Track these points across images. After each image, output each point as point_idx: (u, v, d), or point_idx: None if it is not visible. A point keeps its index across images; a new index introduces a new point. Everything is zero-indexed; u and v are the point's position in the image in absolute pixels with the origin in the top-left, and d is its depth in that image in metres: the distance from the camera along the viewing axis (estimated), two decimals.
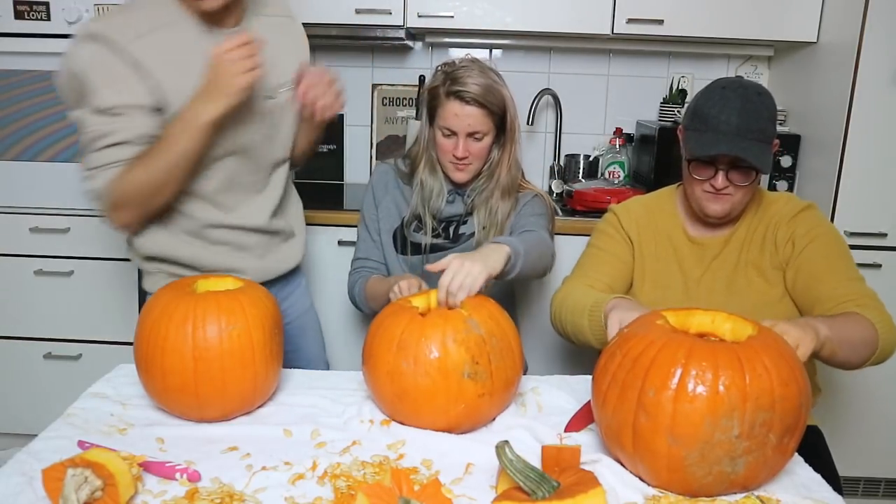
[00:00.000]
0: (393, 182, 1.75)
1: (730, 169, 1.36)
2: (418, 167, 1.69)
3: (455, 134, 1.60)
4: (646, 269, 1.52)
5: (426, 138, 1.67)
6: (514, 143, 1.66)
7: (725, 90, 1.36)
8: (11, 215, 2.25)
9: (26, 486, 0.96)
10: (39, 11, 2.10)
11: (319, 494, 0.96)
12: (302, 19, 2.28)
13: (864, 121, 2.09)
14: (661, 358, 0.96)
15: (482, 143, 1.61)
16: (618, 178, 2.63)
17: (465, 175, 1.65)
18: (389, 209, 1.74)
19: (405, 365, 1.12)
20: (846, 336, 1.22)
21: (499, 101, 1.59)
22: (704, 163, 1.38)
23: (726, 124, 1.33)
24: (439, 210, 1.69)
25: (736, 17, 2.31)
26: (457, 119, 1.58)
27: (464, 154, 1.60)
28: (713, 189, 1.38)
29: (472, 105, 1.56)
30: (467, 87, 1.56)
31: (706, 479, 0.95)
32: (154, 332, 1.13)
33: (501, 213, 1.66)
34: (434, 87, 1.62)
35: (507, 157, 1.66)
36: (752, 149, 1.33)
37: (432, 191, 1.68)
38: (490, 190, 1.67)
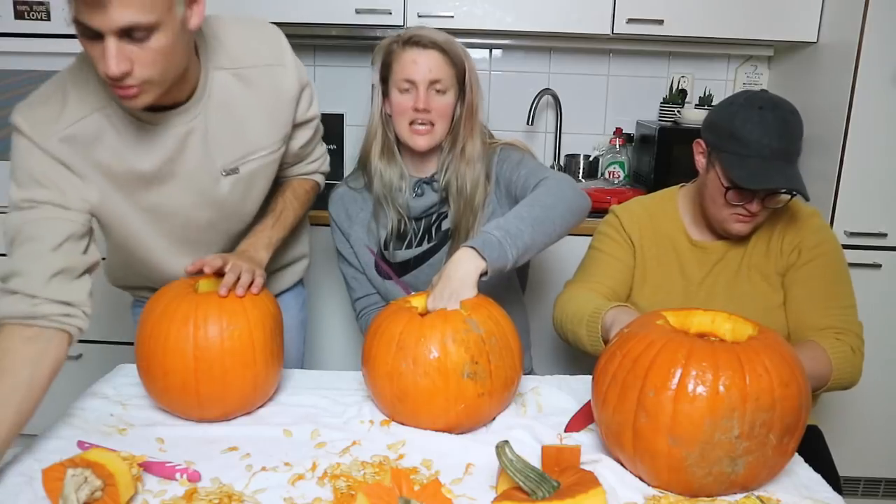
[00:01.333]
0: (354, 208, 1.58)
1: (767, 195, 1.34)
2: (371, 157, 1.51)
3: (414, 84, 1.43)
4: (647, 271, 1.50)
5: (378, 117, 1.50)
6: (477, 104, 1.50)
7: (763, 111, 1.31)
8: None
9: (26, 486, 0.96)
10: (39, 11, 2.10)
11: (319, 495, 0.96)
12: (302, 19, 2.31)
13: (864, 121, 2.09)
14: (661, 358, 0.96)
15: (445, 99, 1.45)
16: (618, 178, 2.63)
17: (426, 139, 1.45)
18: (361, 239, 1.57)
19: (404, 365, 1.12)
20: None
21: (458, 52, 1.46)
22: (743, 191, 1.33)
23: (769, 149, 1.29)
24: (407, 206, 1.53)
25: (736, 17, 2.31)
26: (415, 66, 1.42)
27: (425, 105, 1.42)
28: (746, 212, 1.35)
29: (431, 49, 1.43)
30: (423, 33, 1.44)
31: (706, 480, 0.95)
32: (155, 331, 1.13)
33: (469, 183, 1.48)
34: (387, 45, 1.47)
35: (471, 122, 1.49)
36: (797, 176, 1.31)
37: (392, 181, 1.51)
38: (455, 162, 1.49)
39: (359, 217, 1.58)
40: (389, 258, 1.57)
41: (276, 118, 1.31)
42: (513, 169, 1.49)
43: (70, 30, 1.08)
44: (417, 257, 1.57)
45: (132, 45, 1.01)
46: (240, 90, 1.25)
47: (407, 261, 1.57)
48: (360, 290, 1.63)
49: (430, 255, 1.57)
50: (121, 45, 1.00)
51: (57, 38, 2.10)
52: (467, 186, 1.48)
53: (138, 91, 1.05)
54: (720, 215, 1.39)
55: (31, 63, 2.13)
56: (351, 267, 1.62)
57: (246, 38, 1.28)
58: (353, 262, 1.61)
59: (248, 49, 1.27)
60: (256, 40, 1.29)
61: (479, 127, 1.52)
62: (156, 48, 1.02)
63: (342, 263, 1.64)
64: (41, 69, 2.13)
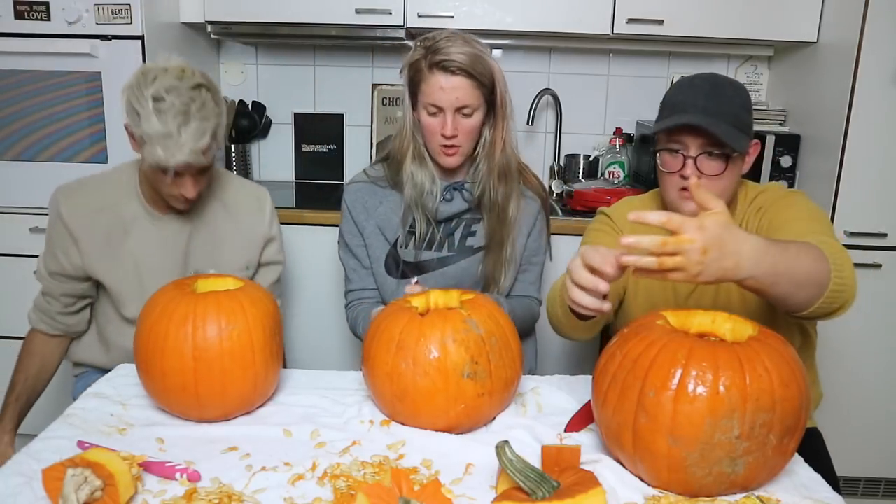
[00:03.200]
0: (372, 200, 1.58)
1: (700, 154, 1.28)
2: (405, 161, 1.52)
3: (442, 110, 1.44)
4: (639, 280, 1.44)
5: (410, 124, 1.52)
6: (506, 119, 1.51)
7: (695, 79, 1.31)
8: (11, 215, 2.25)
9: (26, 486, 0.96)
10: (39, 11, 2.10)
11: (319, 495, 0.96)
12: (302, 19, 2.31)
13: (864, 121, 2.09)
14: (661, 358, 0.96)
15: (472, 121, 1.46)
16: (618, 178, 2.63)
17: (455, 159, 1.49)
18: (376, 234, 1.58)
19: (404, 365, 1.11)
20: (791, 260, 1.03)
21: (487, 71, 1.44)
22: (672, 152, 1.31)
23: (693, 106, 1.26)
24: (435, 210, 1.54)
25: (736, 17, 2.31)
26: (443, 93, 1.42)
27: (453, 132, 1.44)
28: (684, 182, 1.29)
29: (458, 75, 1.41)
30: (451, 55, 1.40)
31: (706, 480, 0.95)
32: (154, 332, 1.13)
33: (502, 197, 1.52)
34: (415, 62, 1.45)
35: (500, 136, 1.51)
36: (720, 126, 1.25)
37: (423, 185, 1.52)
38: (489, 174, 1.52)
39: (377, 211, 1.57)
40: (403, 256, 1.57)
41: (247, 249, 1.62)
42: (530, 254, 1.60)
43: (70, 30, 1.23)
44: (433, 261, 1.58)
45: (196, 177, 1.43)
46: (225, 220, 1.59)
47: (423, 262, 1.57)
48: (357, 282, 1.63)
49: (446, 263, 1.57)
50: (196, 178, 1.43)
51: (57, 38, 2.10)
52: (499, 199, 1.52)
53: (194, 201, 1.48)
54: (669, 196, 1.35)
55: (31, 63, 2.13)
56: (354, 258, 1.62)
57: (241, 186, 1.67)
58: (357, 253, 1.61)
59: (241, 193, 1.64)
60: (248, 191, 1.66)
61: (511, 140, 1.54)
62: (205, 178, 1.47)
63: (345, 253, 1.64)
64: (41, 69, 2.13)
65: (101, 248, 1.51)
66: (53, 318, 1.56)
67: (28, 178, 2.22)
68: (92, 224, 1.50)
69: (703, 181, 1.29)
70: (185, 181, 1.41)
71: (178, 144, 1.32)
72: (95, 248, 1.51)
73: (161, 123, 1.31)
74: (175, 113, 1.31)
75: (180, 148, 1.32)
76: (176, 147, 1.32)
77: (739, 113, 1.30)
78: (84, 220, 1.50)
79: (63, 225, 1.50)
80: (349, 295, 1.65)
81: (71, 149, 2.20)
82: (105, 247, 1.51)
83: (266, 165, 2.83)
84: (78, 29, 2.09)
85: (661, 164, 1.34)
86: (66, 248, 1.51)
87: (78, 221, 1.50)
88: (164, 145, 1.32)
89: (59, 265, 1.52)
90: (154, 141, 1.32)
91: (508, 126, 1.52)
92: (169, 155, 1.33)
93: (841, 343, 2.19)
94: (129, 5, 2.09)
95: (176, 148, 1.32)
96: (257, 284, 1.29)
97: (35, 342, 1.58)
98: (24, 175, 2.21)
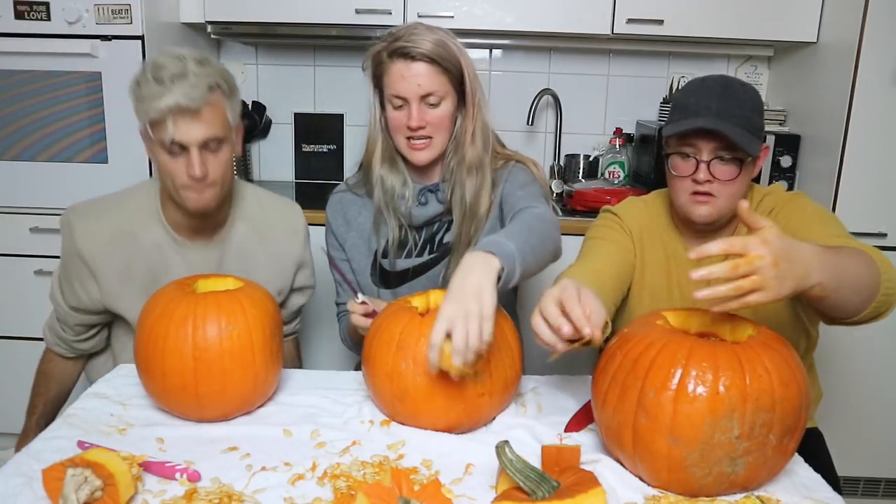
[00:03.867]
0: (353, 211, 1.52)
1: (713, 159, 1.27)
2: (372, 162, 1.46)
3: (406, 101, 1.36)
4: (645, 278, 1.44)
5: (376, 123, 1.44)
6: (477, 108, 1.41)
7: (706, 80, 1.30)
8: (11, 215, 2.25)
9: (26, 486, 0.96)
10: (39, 11, 2.10)
11: (319, 495, 0.96)
12: (302, 19, 2.31)
13: (864, 121, 2.09)
14: (661, 358, 0.96)
15: (439, 111, 1.37)
16: (618, 178, 2.63)
17: (425, 154, 1.40)
18: (357, 246, 1.53)
19: (404, 365, 1.11)
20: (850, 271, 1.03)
21: (452, 56, 1.36)
22: (684, 156, 1.30)
23: (706, 109, 1.25)
24: (409, 215, 1.46)
25: (736, 17, 2.31)
26: (404, 81, 1.34)
27: (419, 122, 1.35)
28: (695, 186, 1.28)
29: (420, 61, 1.33)
30: (413, 42, 1.33)
31: (706, 480, 0.95)
32: (154, 332, 1.13)
33: (470, 192, 1.42)
34: (376, 54, 1.38)
35: (471, 127, 1.41)
36: (734, 130, 1.23)
37: (394, 188, 1.45)
38: (458, 169, 1.43)
39: (357, 222, 1.53)
40: (388, 267, 1.52)
41: (279, 275, 1.53)
42: (514, 189, 1.42)
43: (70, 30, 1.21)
44: (416, 268, 1.52)
45: (209, 154, 1.32)
46: (256, 243, 1.50)
47: (406, 270, 1.52)
48: (342, 295, 1.59)
49: (430, 267, 1.52)
50: (202, 154, 1.30)
51: (57, 38, 2.10)
52: (467, 195, 1.42)
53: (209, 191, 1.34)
54: (679, 199, 1.33)
55: (31, 63, 2.13)
56: (338, 272, 1.54)
57: (271, 204, 1.57)
58: (341, 267, 1.54)
59: (271, 213, 1.55)
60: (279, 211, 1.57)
61: (484, 132, 1.43)
62: (223, 159, 1.35)
63: (332, 268, 1.56)
64: (41, 69, 2.13)
65: (121, 280, 1.42)
66: (69, 345, 1.50)
67: (28, 178, 2.22)
68: (111, 255, 1.41)
69: (716, 186, 1.28)
70: (190, 158, 1.29)
71: (169, 90, 1.24)
72: (115, 282, 1.42)
73: (157, 83, 1.24)
74: (171, 76, 1.25)
75: (171, 91, 1.23)
76: (167, 91, 1.23)
77: (751, 116, 1.28)
78: (102, 249, 1.40)
79: (80, 258, 1.40)
80: (339, 306, 1.61)
81: (71, 149, 2.20)
82: (126, 279, 1.42)
83: (266, 165, 2.83)
84: (78, 29, 2.10)
85: (672, 168, 1.32)
86: (84, 283, 1.42)
87: (95, 253, 1.40)
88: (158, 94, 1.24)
89: (78, 300, 1.44)
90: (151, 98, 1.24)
91: (481, 116, 1.42)
92: (161, 101, 1.23)
93: (841, 343, 2.19)
94: (129, 5, 2.09)
95: (167, 92, 1.23)
96: (257, 284, 1.28)
97: (51, 364, 1.53)
98: (24, 175, 2.22)
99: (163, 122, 1.26)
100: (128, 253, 1.42)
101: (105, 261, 1.41)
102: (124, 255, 1.42)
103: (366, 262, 1.53)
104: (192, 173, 1.30)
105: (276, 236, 1.53)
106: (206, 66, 1.30)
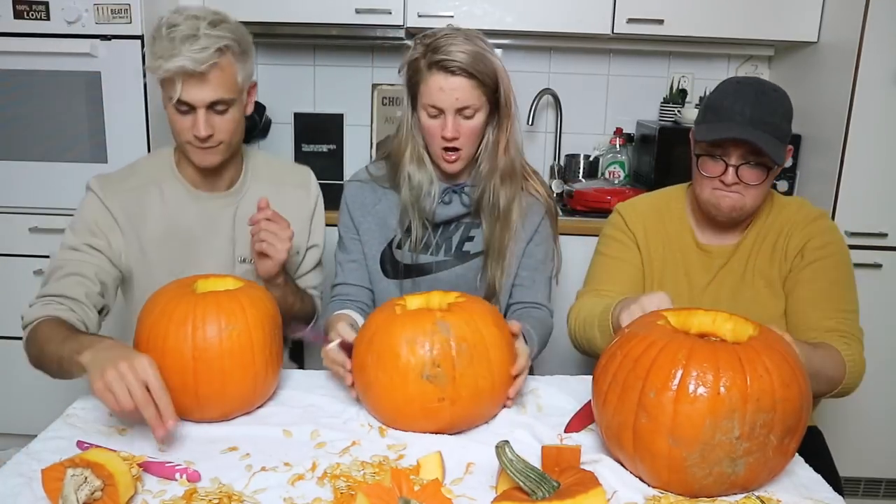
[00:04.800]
0: (371, 198, 1.55)
1: (741, 165, 1.30)
2: (403, 159, 1.48)
3: (442, 112, 1.39)
4: (653, 271, 1.48)
5: (409, 124, 1.47)
6: (511, 119, 1.46)
7: (741, 84, 1.33)
8: (11, 215, 2.25)
9: (25, 486, 0.96)
10: (39, 11, 2.10)
11: (319, 495, 0.96)
12: (302, 19, 2.31)
13: (864, 121, 2.09)
14: (661, 359, 0.96)
15: (474, 122, 1.41)
16: (618, 178, 2.63)
17: (456, 165, 1.45)
18: (372, 232, 1.54)
19: (370, 359, 1.13)
20: (817, 368, 1.19)
21: (489, 70, 1.38)
22: (714, 158, 1.33)
23: (740, 115, 1.28)
24: (432, 212, 1.49)
25: (736, 17, 2.31)
26: (442, 94, 1.37)
27: (453, 134, 1.39)
28: (723, 186, 1.33)
29: (458, 75, 1.35)
30: (451, 54, 1.35)
31: (706, 480, 0.95)
32: (154, 332, 1.13)
33: (505, 200, 1.47)
34: (413, 61, 1.40)
35: (504, 137, 1.46)
36: (765, 138, 1.27)
37: (421, 186, 1.47)
38: (489, 176, 1.47)
39: (374, 209, 1.55)
40: (399, 258, 1.54)
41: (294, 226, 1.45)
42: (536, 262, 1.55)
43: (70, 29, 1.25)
44: (427, 265, 1.53)
45: (215, 115, 1.36)
46: (270, 195, 1.44)
47: (416, 265, 1.53)
48: (343, 276, 1.57)
49: (441, 268, 1.53)
50: (209, 115, 1.35)
51: (57, 38, 2.10)
52: (501, 202, 1.47)
53: (213, 150, 1.39)
54: (704, 194, 1.37)
55: (31, 63, 2.13)
56: (345, 252, 1.57)
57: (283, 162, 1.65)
58: (350, 246, 1.56)
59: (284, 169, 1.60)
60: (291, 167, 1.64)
61: (516, 140, 1.49)
62: (230, 119, 1.38)
63: (338, 249, 1.59)
64: (41, 69, 2.13)
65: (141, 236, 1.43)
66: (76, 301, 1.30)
67: (28, 178, 2.22)
68: (134, 203, 1.43)
69: (741, 186, 1.32)
70: (196, 118, 1.33)
71: (179, 52, 1.27)
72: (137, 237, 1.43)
73: (169, 42, 1.28)
74: (183, 37, 1.28)
75: (181, 53, 1.27)
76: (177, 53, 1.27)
77: (781, 123, 1.31)
78: (127, 206, 1.42)
79: (104, 207, 1.41)
80: (335, 289, 1.59)
81: (71, 149, 2.19)
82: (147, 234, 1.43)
83: None
84: (77, 29, 2.09)
85: (700, 168, 1.36)
86: (109, 229, 1.41)
87: (120, 209, 1.41)
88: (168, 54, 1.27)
89: (101, 241, 1.39)
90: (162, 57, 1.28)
91: (513, 126, 1.47)
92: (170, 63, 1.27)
93: None
94: (128, 5, 2.09)
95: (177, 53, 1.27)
96: (257, 284, 1.28)
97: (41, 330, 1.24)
98: (25, 175, 2.22)
99: (171, 82, 1.30)
100: (149, 206, 1.45)
101: (128, 210, 1.42)
102: (147, 210, 1.44)
103: (377, 249, 1.54)
104: (196, 133, 1.34)
105: (289, 190, 1.55)
106: (218, 27, 1.32)
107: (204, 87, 1.31)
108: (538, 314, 1.52)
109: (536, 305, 1.54)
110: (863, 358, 1.34)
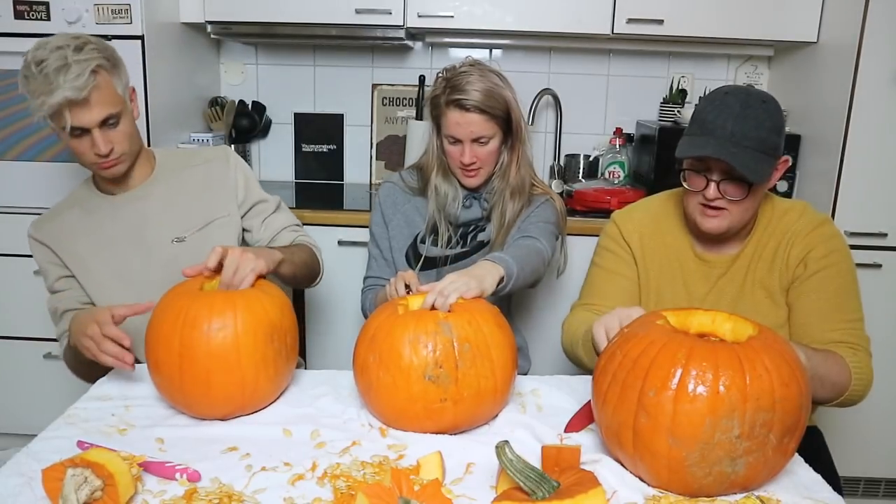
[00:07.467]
0: (402, 198, 1.76)
1: (723, 179, 1.29)
2: (431, 174, 1.71)
3: (460, 141, 1.61)
4: (650, 283, 1.46)
5: (435, 147, 1.70)
6: (522, 143, 1.68)
7: (728, 95, 1.30)
8: (11, 215, 2.25)
9: (25, 486, 0.96)
10: (39, 11, 2.10)
11: (319, 495, 0.96)
12: (301, 19, 2.31)
13: (864, 121, 2.09)
14: (661, 358, 0.96)
15: (489, 147, 1.63)
16: (618, 178, 2.62)
17: (476, 181, 1.68)
18: (400, 227, 1.75)
19: (371, 359, 1.13)
20: (821, 373, 1.20)
21: (501, 104, 1.60)
22: (697, 173, 1.31)
23: (721, 129, 1.26)
24: (456, 216, 1.71)
25: (736, 17, 2.31)
26: (459, 127, 1.59)
27: (470, 160, 1.62)
28: (706, 201, 1.32)
29: (472, 112, 1.57)
30: (467, 94, 1.56)
31: (706, 480, 0.95)
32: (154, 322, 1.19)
33: (511, 213, 1.68)
34: (435, 97, 1.64)
35: (516, 158, 1.68)
36: (741, 156, 1.25)
37: (447, 196, 1.70)
38: (502, 191, 1.69)
39: (403, 208, 1.76)
40: (421, 251, 1.73)
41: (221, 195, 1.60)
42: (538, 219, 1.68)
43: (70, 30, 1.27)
44: (448, 258, 1.73)
45: (109, 130, 1.43)
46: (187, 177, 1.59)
47: (438, 258, 1.73)
48: (374, 269, 1.77)
49: (459, 259, 1.72)
50: (103, 132, 1.42)
51: None
52: (507, 213, 1.69)
53: (116, 162, 1.47)
54: (689, 208, 1.37)
55: None
56: (377, 248, 1.77)
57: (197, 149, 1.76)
58: (381, 244, 1.76)
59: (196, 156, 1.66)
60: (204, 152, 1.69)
61: (526, 160, 1.70)
62: (123, 130, 1.46)
63: (371, 242, 1.80)
64: None
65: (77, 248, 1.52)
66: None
67: (28, 178, 2.22)
68: (60, 230, 1.53)
69: (725, 202, 1.31)
70: (93, 138, 1.40)
71: (57, 85, 1.33)
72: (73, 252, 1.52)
73: (44, 79, 1.33)
74: (55, 69, 1.32)
75: (59, 87, 1.32)
76: (55, 87, 1.32)
77: (768, 137, 1.28)
78: (52, 232, 1.53)
79: (43, 246, 1.53)
80: (366, 280, 1.79)
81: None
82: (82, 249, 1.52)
83: (266, 165, 2.83)
84: (78, 29, 2.09)
85: (686, 182, 1.35)
86: (57, 261, 1.53)
87: (49, 237, 1.53)
88: (47, 90, 1.33)
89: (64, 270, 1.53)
90: (41, 94, 1.33)
91: (524, 149, 1.69)
92: (52, 98, 1.32)
93: None
94: (129, 5, 2.09)
95: (56, 87, 1.32)
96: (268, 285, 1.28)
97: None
98: (24, 175, 2.21)
99: (59, 114, 1.36)
100: (74, 226, 1.54)
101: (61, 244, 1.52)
102: (74, 230, 1.54)
103: (404, 243, 1.74)
104: (97, 152, 1.42)
105: (205, 166, 1.63)
106: (83, 50, 1.37)
107: (91, 110, 1.38)
108: (523, 241, 1.60)
109: (525, 237, 1.62)
110: (870, 367, 1.33)
